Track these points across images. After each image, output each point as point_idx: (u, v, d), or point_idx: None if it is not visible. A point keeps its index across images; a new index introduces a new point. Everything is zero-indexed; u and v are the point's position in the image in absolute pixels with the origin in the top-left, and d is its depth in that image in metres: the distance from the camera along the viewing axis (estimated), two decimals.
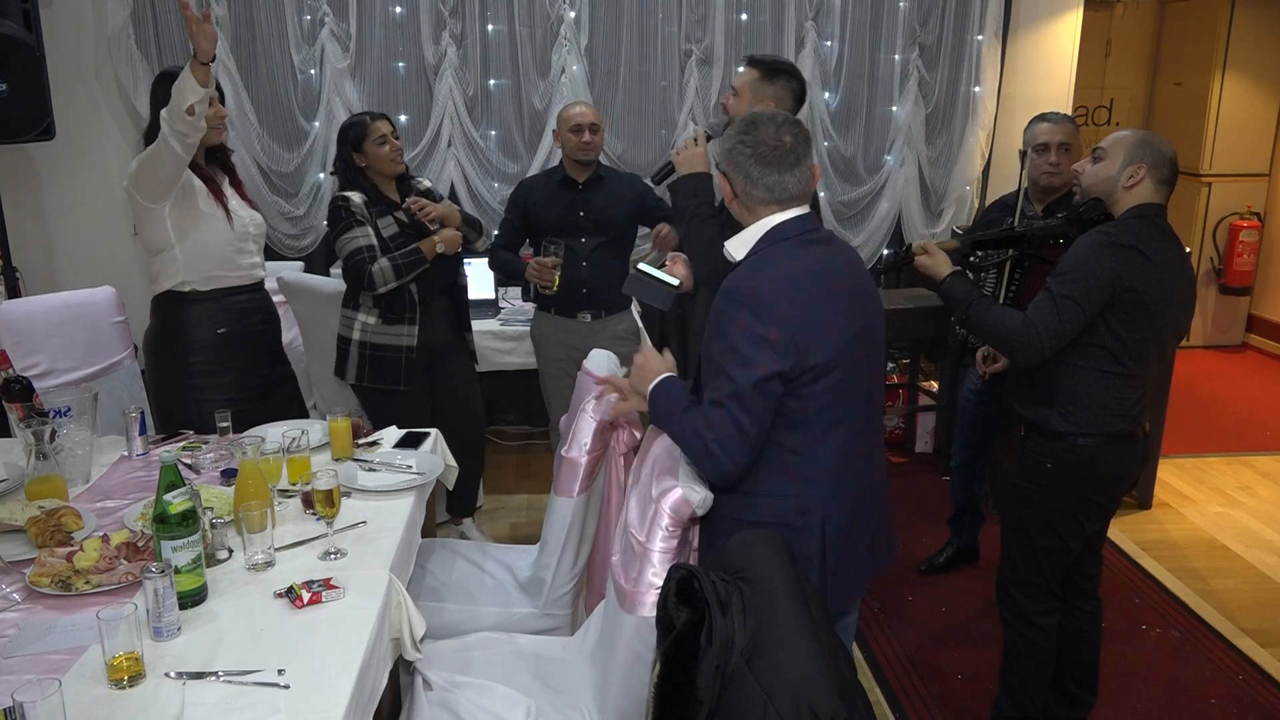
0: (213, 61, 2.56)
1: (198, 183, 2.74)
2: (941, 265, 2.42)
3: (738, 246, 1.88)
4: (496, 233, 3.59)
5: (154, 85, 2.76)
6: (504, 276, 3.66)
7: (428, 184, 3.29)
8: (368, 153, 3.02)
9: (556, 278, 3.23)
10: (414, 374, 3.15)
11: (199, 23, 2.49)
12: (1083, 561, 2.48)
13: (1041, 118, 3.02)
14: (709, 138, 2.43)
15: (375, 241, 3.01)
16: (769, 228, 1.84)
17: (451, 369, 3.30)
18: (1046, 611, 2.44)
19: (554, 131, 3.52)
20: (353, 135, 3.04)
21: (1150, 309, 2.21)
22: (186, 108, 2.52)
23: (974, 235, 2.66)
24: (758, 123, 1.84)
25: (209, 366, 2.79)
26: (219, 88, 2.77)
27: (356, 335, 3.12)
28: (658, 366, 1.97)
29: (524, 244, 3.55)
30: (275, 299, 3.73)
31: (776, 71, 2.49)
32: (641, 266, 2.40)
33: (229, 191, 2.85)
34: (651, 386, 1.95)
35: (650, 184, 3.09)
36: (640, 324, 3.80)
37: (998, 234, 2.68)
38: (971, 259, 2.62)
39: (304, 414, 3.07)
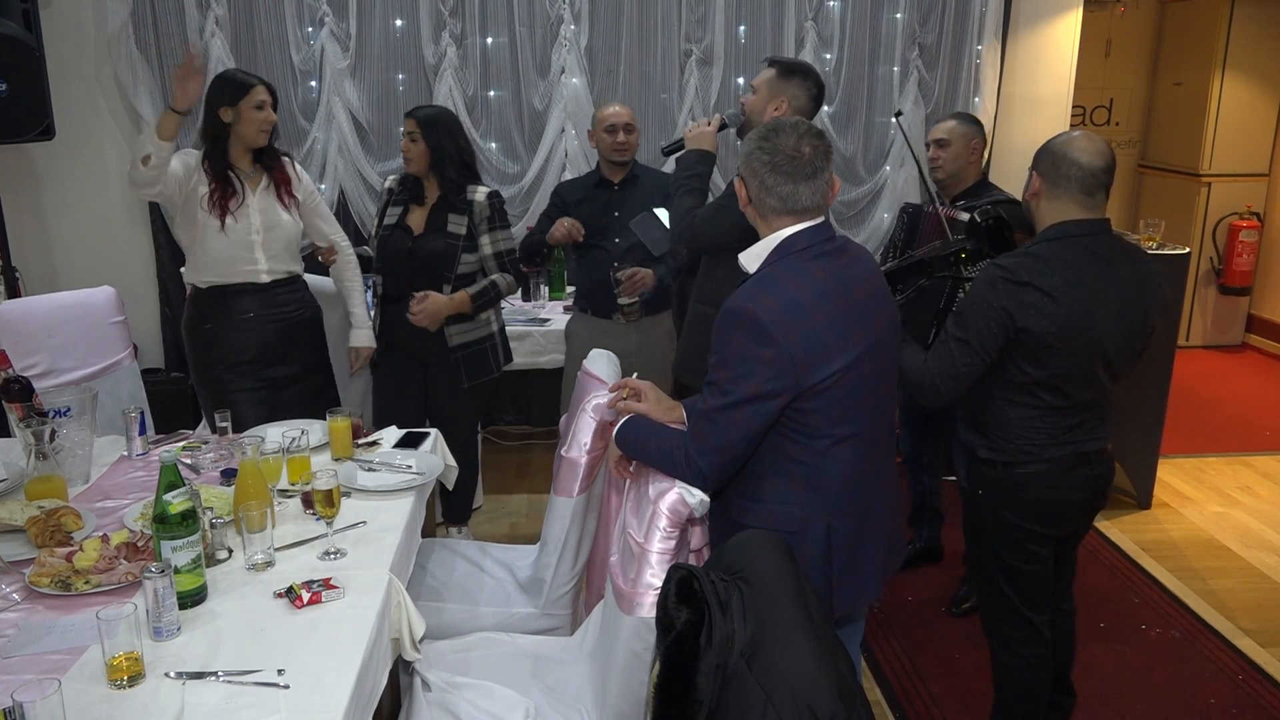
0: (186, 114, 2.73)
1: (202, 189, 2.81)
2: None
3: (750, 259, 1.87)
4: (530, 226, 3.69)
5: (211, 85, 2.85)
6: (529, 257, 3.57)
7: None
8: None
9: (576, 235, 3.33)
10: (381, 365, 3.31)
11: (191, 71, 2.66)
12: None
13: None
14: (723, 125, 2.63)
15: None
16: (780, 240, 1.83)
17: (435, 373, 3.28)
18: (1026, 641, 2.31)
19: (589, 132, 3.53)
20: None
21: (1055, 347, 2.04)
22: (142, 156, 2.70)
23: (885, 268, 2.60)
24: (779, 130, 1.81)
25: (209, 358, 2.96)
26: (272, 91, 2.89)
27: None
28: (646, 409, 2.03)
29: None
30: None
31: (792, 71, 2.56)
32: (657, 211, 2.69)
33: (259, 193, 2.92)
34: (615, 431, 2.02)
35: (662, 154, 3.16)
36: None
37: (902, 264, 2.55)
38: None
39: (313, 415, 3.05)
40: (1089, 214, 2.08)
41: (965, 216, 2.87)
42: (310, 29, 4.15)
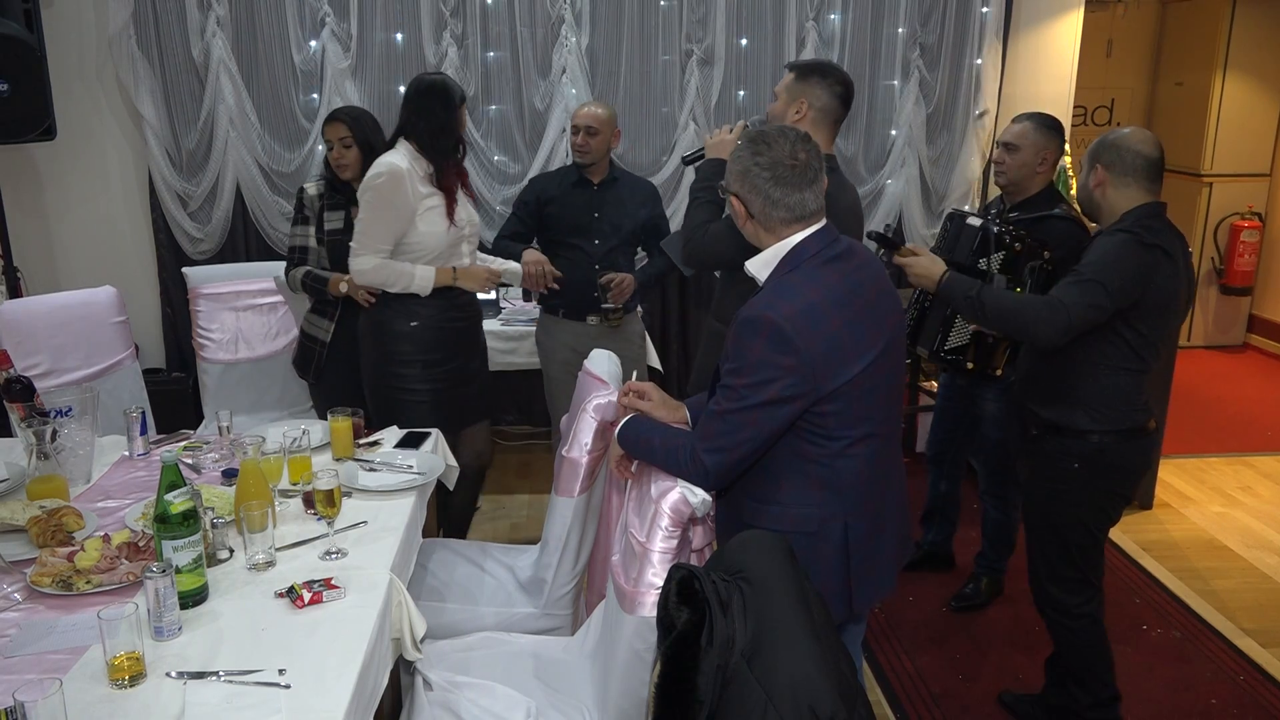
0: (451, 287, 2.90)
1: (431, 201, 2.79)
2: (935, 265, 2.41)
3: (759, 267, 1.86)
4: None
5: (421, 95, 2.78)
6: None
7: None
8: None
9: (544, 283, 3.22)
10: (326, 369, 3.16)
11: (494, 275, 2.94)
12: None
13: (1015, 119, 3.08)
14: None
15: (309, 244, 3.16)
16: (790, 248, 1.82)
17: None
18: (1087, 601, 2.44)
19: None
20: (459, 93, 2.83)
21: (1170, 307, 2.24)
22: (409, 282, 2.83)
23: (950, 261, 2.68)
24: (769, 141, 1.80)
25: (406, 356, 2.89)
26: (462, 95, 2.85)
27: (301, 321, 3.29)
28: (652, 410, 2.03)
29: (531, 240, 3.47)
30: (275, 299, 3.75)
31: (809, 71, 2.49)
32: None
33: (460, 193, 2.90)
34: (618, 430, 2.01)
35: (677, 171, 3.16)
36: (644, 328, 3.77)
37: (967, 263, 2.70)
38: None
39: (489, 412, 3.18)
40: (1155, 198, 2.26)
41: (977, 222, 2.85)
42: (311, 29, 4.15)
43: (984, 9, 4.41)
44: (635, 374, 2.18)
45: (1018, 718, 2.69)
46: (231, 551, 1.98)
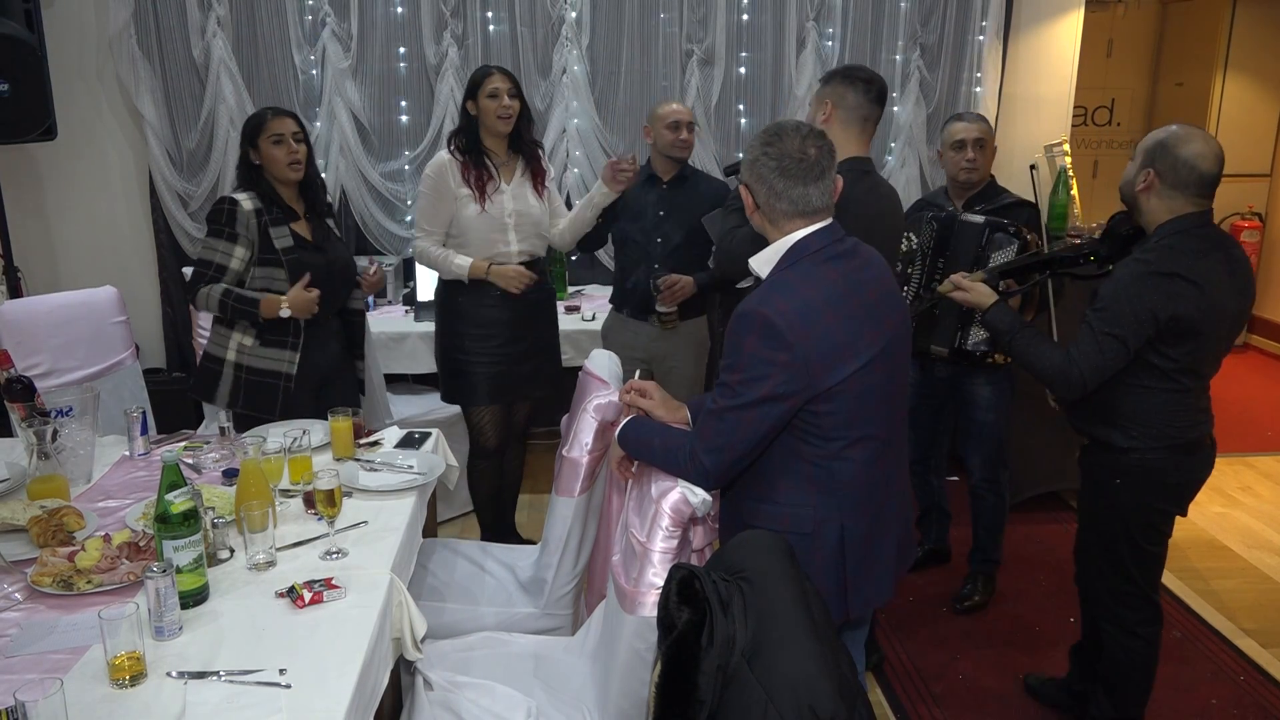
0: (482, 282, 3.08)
1: (464, 191, 3.03)
2: (984, 296, 2.40)
3: (761, 264, 1.86)
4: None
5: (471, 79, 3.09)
6: (589, 243, 3.44)
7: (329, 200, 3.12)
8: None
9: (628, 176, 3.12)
10: (294, 403, 2.82)
11: (524, 279, 3.06)
12: None
13: (957, 117, 3.16)
14: None
15: (230, 264, 2.72)
16: (791, 244, 1.82)
17: (338, 396, 2.86)
18: (1146, 621, 2.39)
19: (645, 128, 3.44)
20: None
21: (1199, 330, 2.14)
22: (448, 269, 3.07)
23: (1001, 265, 2.61)
24: (782, 134, 1.80)
25: (465, 332, 3.14)
26: (515, 82, 3.05)
27: (231, 356, 2.79)
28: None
29: (607, 229, 3.41)
30: None
31: (831, 75, 2.52)
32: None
33: (514, 180, 3.10)
34: (618, 432, 2.02)
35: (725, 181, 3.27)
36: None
37: (1025, 261, 2.59)
38: (1000, 288, 2.52)
39: (552, 389, 3.34)
40: (1200, 209, 2.17)
41: (979, 220, 2.87)
42: (312, 29, 4.15)
43: (984, 8, 4.41)
44: (639, 372, 2.18)
45: (1041, 700, 2.71)
46: (232, 551, 1.98)
